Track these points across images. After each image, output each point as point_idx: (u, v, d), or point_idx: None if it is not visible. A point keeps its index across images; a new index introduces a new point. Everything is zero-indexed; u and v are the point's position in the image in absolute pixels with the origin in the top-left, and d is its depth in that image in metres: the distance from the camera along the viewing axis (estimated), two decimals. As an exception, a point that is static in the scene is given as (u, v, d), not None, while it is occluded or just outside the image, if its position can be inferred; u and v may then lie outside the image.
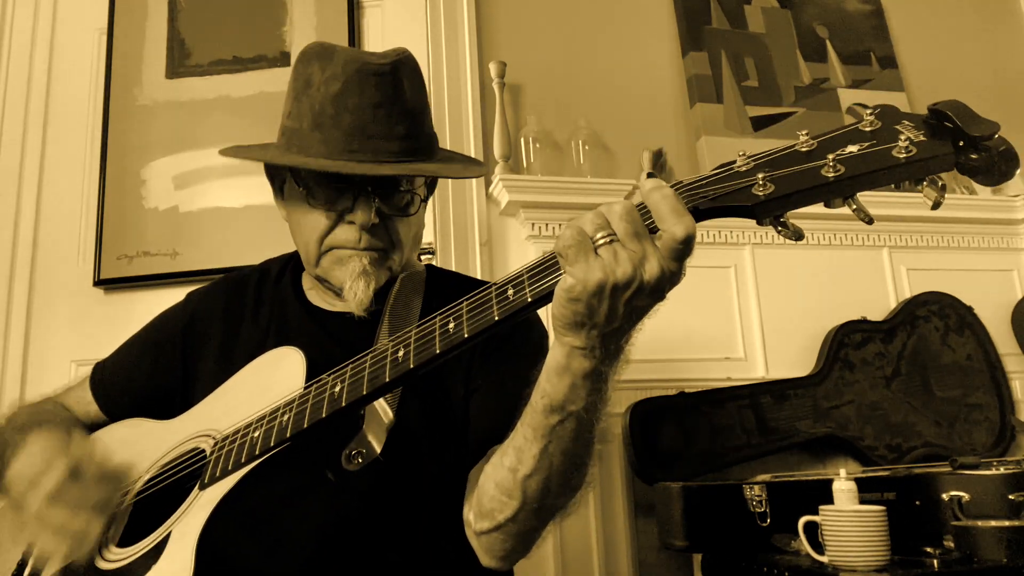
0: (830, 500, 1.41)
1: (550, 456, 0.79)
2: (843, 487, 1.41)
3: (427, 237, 2.07)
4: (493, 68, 2.17)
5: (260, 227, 1.98)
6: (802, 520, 1.44)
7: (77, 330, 2.02)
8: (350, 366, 0.83)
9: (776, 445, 1.98)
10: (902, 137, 0.60)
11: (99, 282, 2.03)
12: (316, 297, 1.14)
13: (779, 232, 0.65)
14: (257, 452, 0.86)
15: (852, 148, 0.62)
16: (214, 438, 0.96)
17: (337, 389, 0.82)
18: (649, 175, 2.22)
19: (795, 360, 2.16)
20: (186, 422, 1.04)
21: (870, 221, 0.63)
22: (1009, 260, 2.45)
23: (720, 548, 1.64)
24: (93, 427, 1.15)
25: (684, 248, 0.64)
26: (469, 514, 0.91)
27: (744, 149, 0.67)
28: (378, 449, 0.88)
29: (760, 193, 0.63)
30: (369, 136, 0.98)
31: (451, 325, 0.73)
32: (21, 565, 0.98)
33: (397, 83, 1.00)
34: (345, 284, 1.02)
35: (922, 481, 1.51)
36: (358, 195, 1.00)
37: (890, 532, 1.35)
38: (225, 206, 2.07)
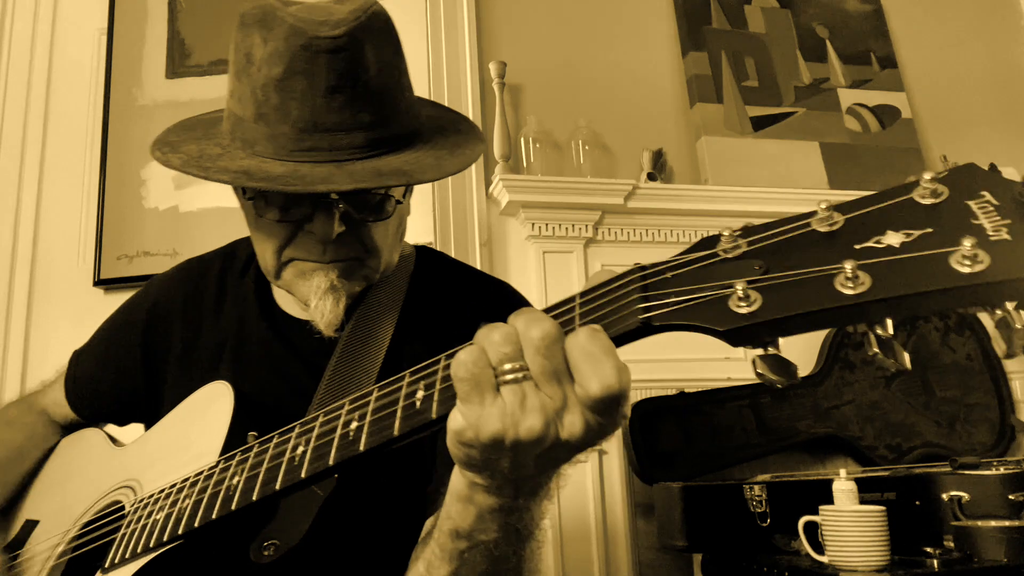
0: (830, 500, 1.41)
1: None
2: (843, 487, 1.40)
3: (427, 237, 2.07)
4: (493, 68, 2.17)
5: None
6: (802, 520, 1.44)
7: (77, 330, 1.99)
8: (255, 450, 0.71)
9: (776, 445, 1.98)
10: (967, 242, 0.38)
11: (99, 282, 2.02)
12: (284, 298, 1.00)
13: (759, 376, 0.45)
14: (152, 544, 0.76)
15: (892, 240, 0.40)
16: (135, 493, 0.87)
17: (235, 482, 0.70)
18: (649, 176, 2.21)
19: (795, 360, 2.14)
20: (123, 458, 0.97)
21: (902, 372, 0.43)
22: (1009, 260, 2.45)
23: (720, 548, 1.64)
24: (71, 427, 1.13)
25: (604, 405, 0.48)
26: None
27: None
28: (299, 535, 0.75)
29: (740, 310, 0.43)
30: (324, 129, 0.80)
31: (352, 426, 0.60)
32: None
33: (355, 59, 0.79)
34: (311, 302, 0.87)
35: (922, 481, 1.51)
36: (318, 202, 0.83)
37: (890, 532, 1.35)
38: (225, 206, 2.07)
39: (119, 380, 1.07)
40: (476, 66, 2.23)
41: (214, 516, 0.70)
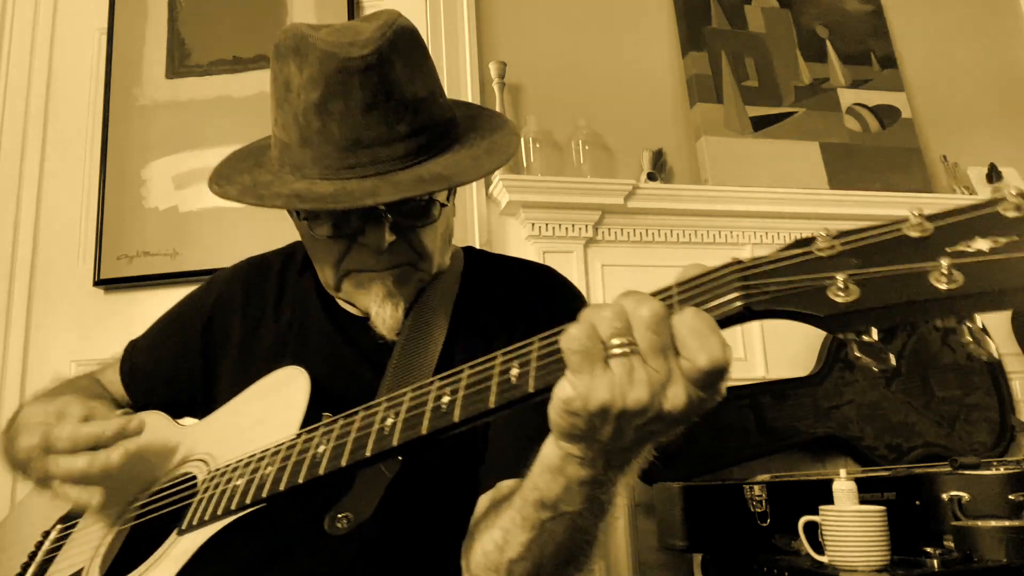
0: (830, 500, 1.41)
1: (541, 547, 0.71)
2: (843, 487, 1.41)
3: (427, 237, 2.06)
4: (493, 68, 2.17)
5: (260, 227, 1.98)
6: (802, 520, 1.44)
7: (77, 330, 2.02)
8: (340, 423, 0.74)
9: (776, 445, 1.98)
10: None
11: (99, 282, 2.02)
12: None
13: (856, 360, 0.49)
14: (233, 507, 0.79)
15: (981, 244, 0.45)
16: (208, 465, 0.90)
17: (320, 450, 0.73)
18: (649, 175, 2.21)
19: (795, 360, 2.16)
20: (192, 436, 0.99)
21: (988, 359, 0.48)
22: (1009, 260, 2.45)
23: (720, 548, 1.64)
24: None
25: (710, 378, 0.52)
26: (463, 560, 0.83)
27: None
28: (370, 510, 0.79)
29: (839, 299, 0.47)
30: (366, 145, 0.85)
31: (444, 400, 0.64)
32: (66, 528, 0.97)
33: (387, 74, 0.85)
34: (371, 309, 0.94)
35: (922, 481, 1.51)
36: (367, 215, 0.89)
37: (890, 532, 1.35)
38: (225, 206, 2.06)
39: (177, 370, 1.10)
40: (476, 66, 2.23)
41: (300, 480, 0.73)
